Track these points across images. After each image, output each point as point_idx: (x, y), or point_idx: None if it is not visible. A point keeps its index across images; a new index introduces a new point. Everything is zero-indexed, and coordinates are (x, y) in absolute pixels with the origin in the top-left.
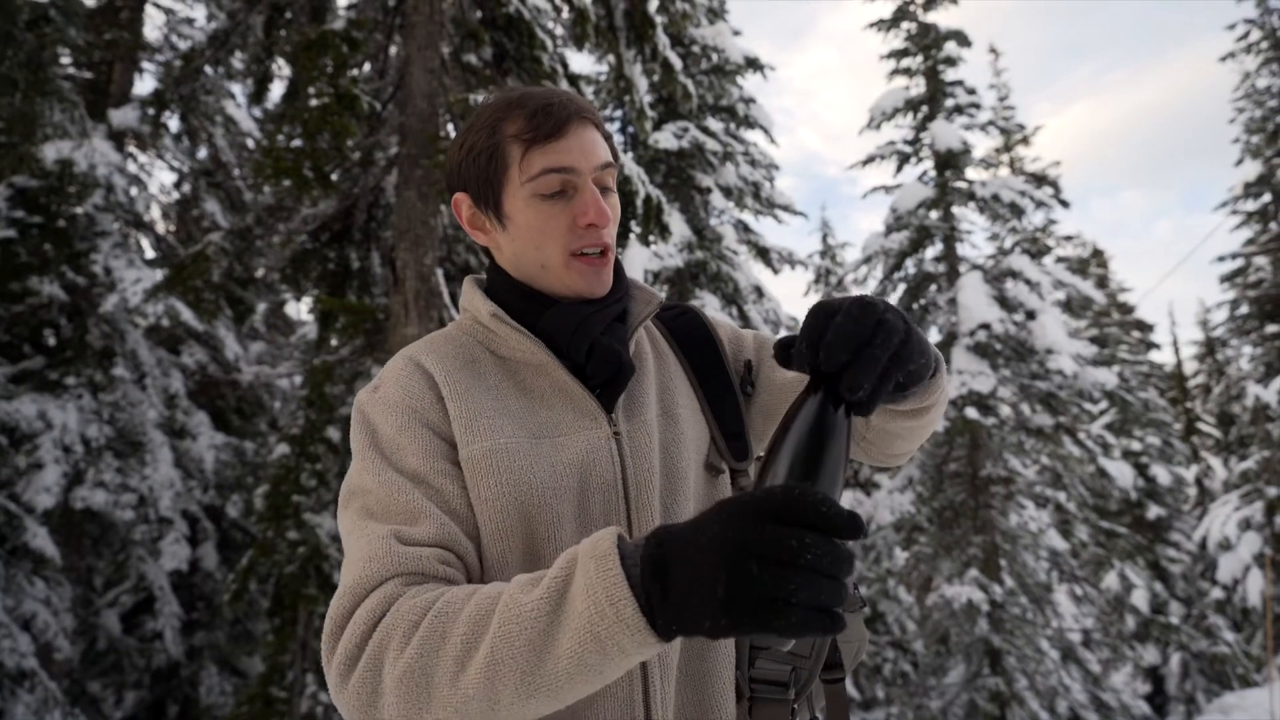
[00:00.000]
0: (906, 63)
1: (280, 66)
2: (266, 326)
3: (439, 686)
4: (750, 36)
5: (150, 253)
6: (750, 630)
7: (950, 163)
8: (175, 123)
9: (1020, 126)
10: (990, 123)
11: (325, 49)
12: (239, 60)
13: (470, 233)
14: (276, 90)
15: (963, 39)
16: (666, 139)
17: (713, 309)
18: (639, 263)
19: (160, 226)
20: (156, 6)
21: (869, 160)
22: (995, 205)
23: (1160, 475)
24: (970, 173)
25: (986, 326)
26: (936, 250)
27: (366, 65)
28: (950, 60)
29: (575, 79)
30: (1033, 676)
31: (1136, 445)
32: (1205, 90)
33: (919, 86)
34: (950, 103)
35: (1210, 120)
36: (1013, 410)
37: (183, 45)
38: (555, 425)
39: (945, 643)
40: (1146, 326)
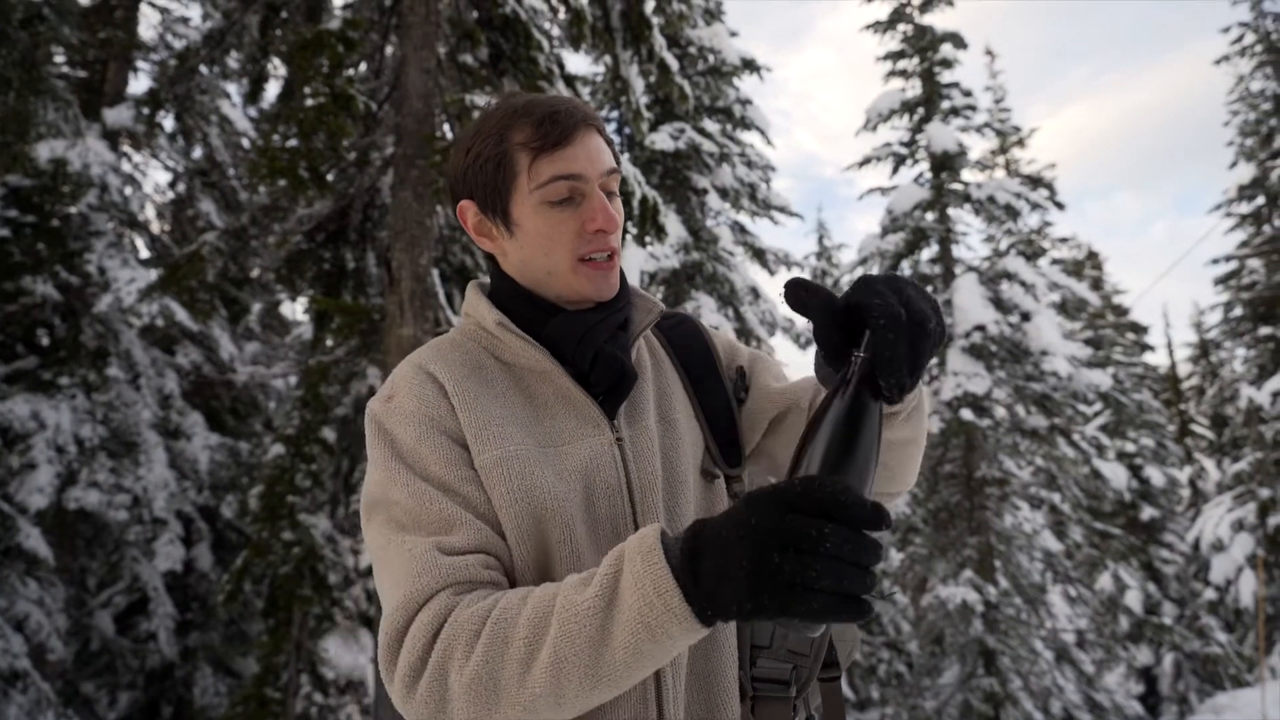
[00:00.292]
0: (903, 64)
1: (276, 66)
2: (261, 327)
3: (507, 687)
4: (747, 38)
5: (145, 252)
6: (774, 614)
7: (946, 164)
8: (170, 122)
9: (1016, 128)
10: (986, 124)
11: (321, 49)
12: (234, 60)
13: (476, 239)
14: (272, 90)
15: (959, 41)
16: (663, 140)
17: (708, 310)
18: (635, 264)
19: (155, 226)
20: (151, 5)
21: (865, 162)
22: (991, 207)
23: (1154, 477)
24: (966, 175)
25: (982, 328)
26: (932, 252)
27: (362, 65)
28: (946, 62)
29: (572, 80)
30: (1027, 677)
31: (1131, 447)
32: (1200, 93)
33: (915, 88)
34: (946, 104)
35: (1205, 123)
36: (1007, 412)
37: (178, 44)
38: (560, 432)
39: (940, 643)
40: (1141, 328)
